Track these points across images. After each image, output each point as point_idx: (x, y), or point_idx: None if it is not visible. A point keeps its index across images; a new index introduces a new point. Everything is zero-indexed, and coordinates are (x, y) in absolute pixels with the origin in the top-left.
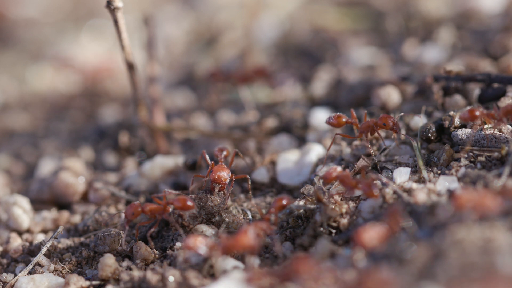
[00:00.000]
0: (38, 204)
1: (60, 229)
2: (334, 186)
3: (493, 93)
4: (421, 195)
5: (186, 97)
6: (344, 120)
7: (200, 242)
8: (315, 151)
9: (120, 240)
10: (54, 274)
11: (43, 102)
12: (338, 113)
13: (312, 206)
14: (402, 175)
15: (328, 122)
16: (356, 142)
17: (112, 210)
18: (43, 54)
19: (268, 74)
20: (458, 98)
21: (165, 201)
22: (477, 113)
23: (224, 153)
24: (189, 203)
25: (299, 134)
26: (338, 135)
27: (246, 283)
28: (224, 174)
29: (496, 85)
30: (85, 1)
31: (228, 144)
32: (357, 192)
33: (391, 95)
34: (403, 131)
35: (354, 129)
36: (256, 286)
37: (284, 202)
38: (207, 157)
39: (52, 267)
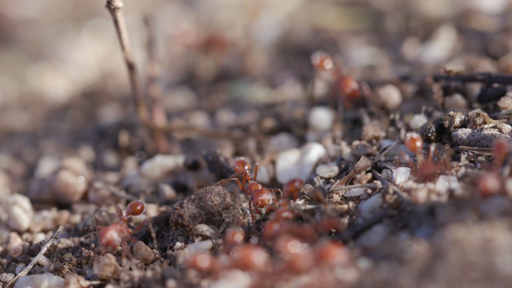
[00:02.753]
0: (38, 204)
1: (60, 229)
2: (334, 185)
3: (493, 93)
4: (421, 195)
5: (186, 97)
6: (418, 144)
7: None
8: (315, 151)
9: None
10: (54, 274)
11: (43, 102)
12: (414, 136)
13: (312, 206)
14: (402, 175)
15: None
16: (356, 142)
17: (112, 210)
18: (43, 54)
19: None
20: (458, 98)
21: (122, 217)
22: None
23: (246, 167)
24: (138, 207)
25: (299, 134)
26: (401, 155)
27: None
28: (267, 196)
29: (496, 85)
30: (85, 1)
31: (228, 144)
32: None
33: (391, 95)
34: (403, 132)
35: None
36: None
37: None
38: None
39: (52, 267)
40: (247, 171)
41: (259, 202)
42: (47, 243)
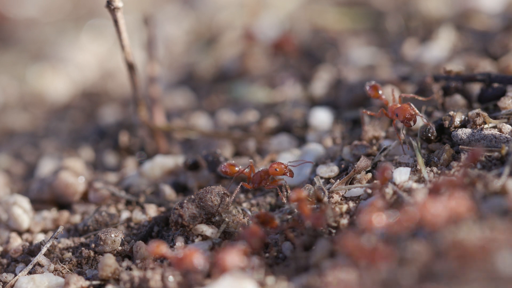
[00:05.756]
0: (38, 204)
1: (60, 229)
2: (334, 185)
3: (493, 93)
4: (421, 195)
5: (186, 97)
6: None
7: None
8: (315, 151)
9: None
10: (54, 274)
11: (43, 102)
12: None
13: (312, 206)
14: (402, 175)
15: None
16: (356, 142)
17: (112, 210)
18: (43, 54)
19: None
20: (458, 98)
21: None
22: None
23: (247, 170)
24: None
25: (299, 134)
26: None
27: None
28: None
29: (496, 85)
30: (85, 1)
31: (228, 143)
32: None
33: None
34: (403, 132)
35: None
36: None
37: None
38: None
39: (52, 267)
40: (246, 170)
41: (276, 167)
42: (47, 243)
